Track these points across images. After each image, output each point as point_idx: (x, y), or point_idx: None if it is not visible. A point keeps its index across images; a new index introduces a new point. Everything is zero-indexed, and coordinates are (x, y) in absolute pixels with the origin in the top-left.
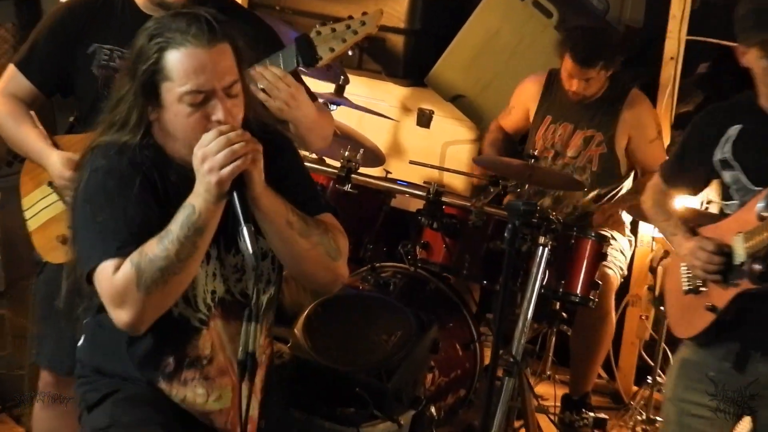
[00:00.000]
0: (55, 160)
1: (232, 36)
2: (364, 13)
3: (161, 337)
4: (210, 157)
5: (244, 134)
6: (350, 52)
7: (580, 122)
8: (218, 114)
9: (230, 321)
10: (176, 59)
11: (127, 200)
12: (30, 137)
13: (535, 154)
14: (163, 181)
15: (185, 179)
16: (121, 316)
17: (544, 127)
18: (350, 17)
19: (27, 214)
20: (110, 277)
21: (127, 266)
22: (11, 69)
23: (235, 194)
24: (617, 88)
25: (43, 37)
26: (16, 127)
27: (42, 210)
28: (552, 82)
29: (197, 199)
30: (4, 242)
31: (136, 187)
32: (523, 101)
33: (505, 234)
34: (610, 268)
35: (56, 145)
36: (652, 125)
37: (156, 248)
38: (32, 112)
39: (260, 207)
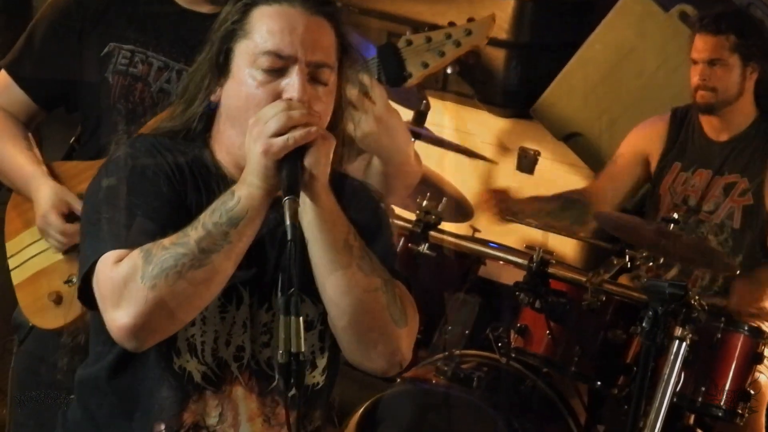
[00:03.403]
0: (46, 195)
1: (340, 21)
2: (471, 20)
3: (154, 395)
4: (263, 120)
5: (311, 112)
6: (449, 69)
7: (722, 166)
8: (291, 90)
9: (252, 394)
10: (263, 15)
11: (152, 193)
12: (17, 160)
13: (674, 216)
14: (205, 190)
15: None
16: (117, 318)
17: (671, 177)
18: (451, 24)
19: (11, 263)
20: (110, 268)
21: (135, 254)
22: (1, 75)
23: (285, 167)
24: None
25: (41, 33)
26: (1, 147)
27: (31, 258)
28: (679, 121)
29: (240, 185)
30: None
31: (169, 182)
32: (640, 147)
33: (643, 324)
34: (766, 375)
35: (53, 175)
36: None
37: (174, 237)
38: (30, 135)
39: (318, 207)
